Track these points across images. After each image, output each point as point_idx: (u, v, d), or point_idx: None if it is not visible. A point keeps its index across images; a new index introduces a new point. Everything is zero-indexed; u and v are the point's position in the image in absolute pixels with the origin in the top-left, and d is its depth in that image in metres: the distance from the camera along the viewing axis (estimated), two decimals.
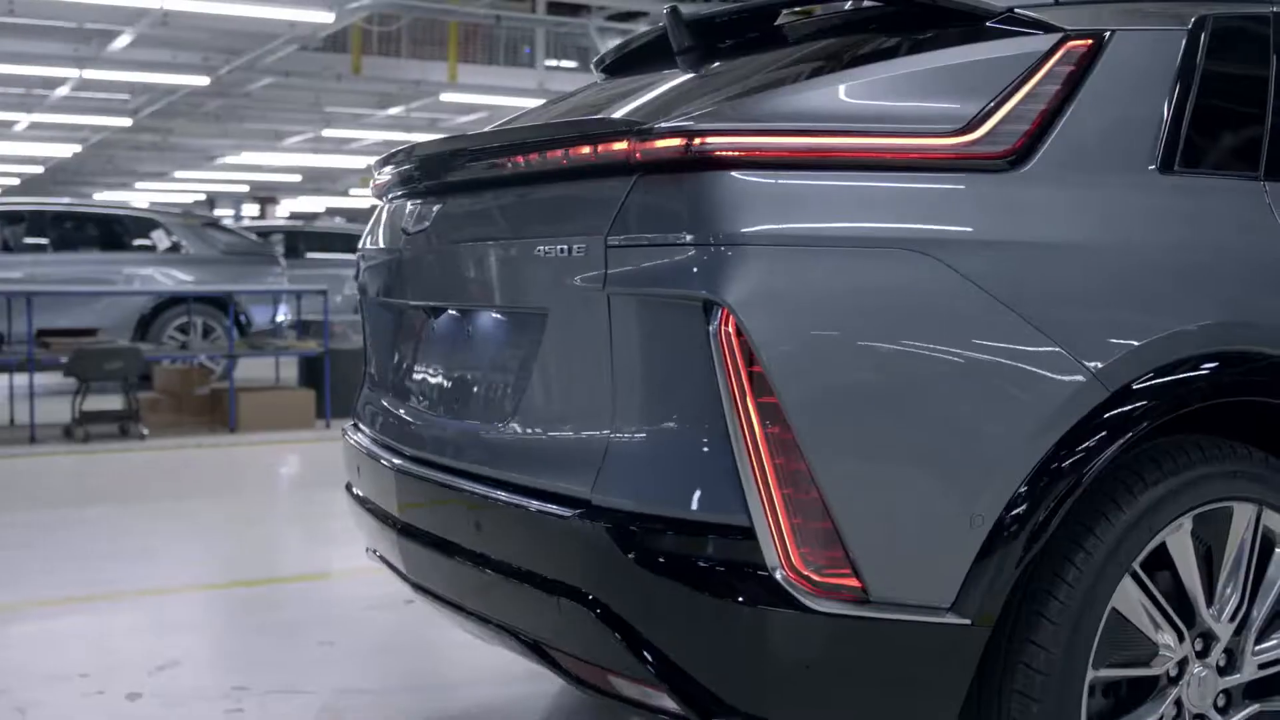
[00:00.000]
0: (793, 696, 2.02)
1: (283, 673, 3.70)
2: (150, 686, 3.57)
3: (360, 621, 4.23)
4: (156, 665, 3.75)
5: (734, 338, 1.95)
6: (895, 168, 2.11)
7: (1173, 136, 2.34)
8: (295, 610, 4.42)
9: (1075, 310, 2.12)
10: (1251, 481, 2.29)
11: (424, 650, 3.95)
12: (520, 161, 2.33)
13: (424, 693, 3.55)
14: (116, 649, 3.95)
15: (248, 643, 4.06)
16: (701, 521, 2.02)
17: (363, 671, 3.73)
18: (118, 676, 3.65)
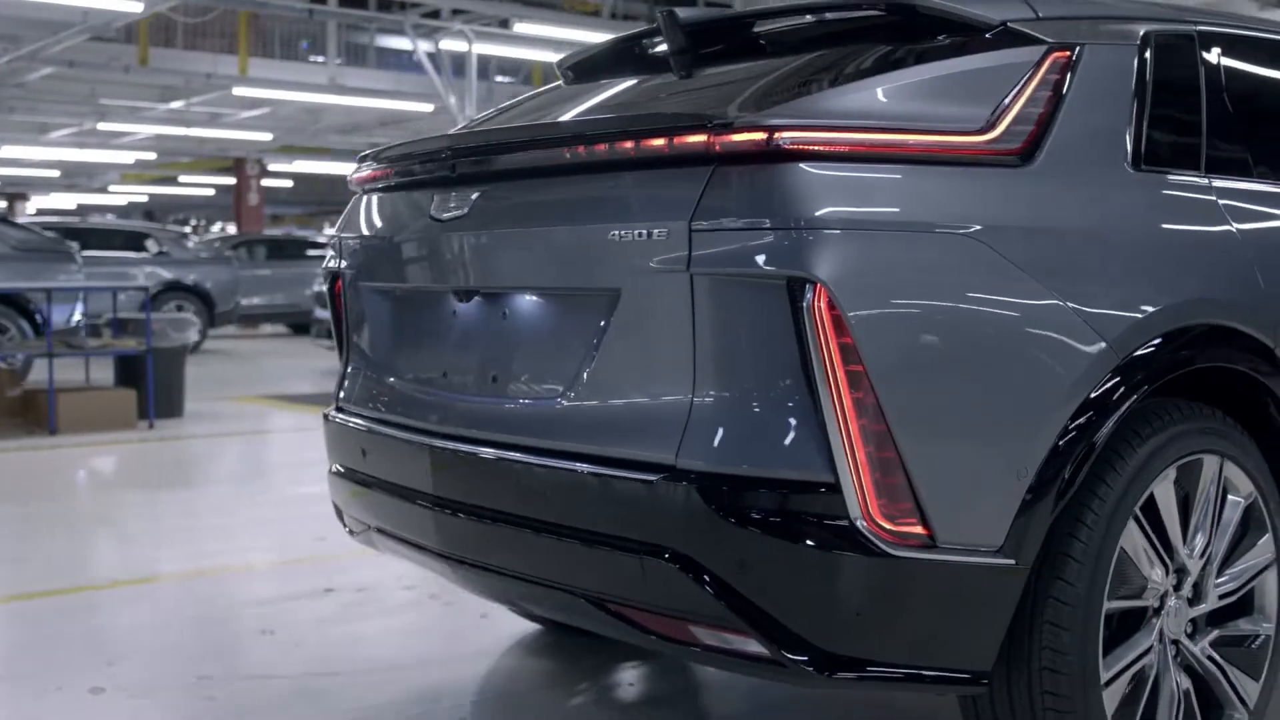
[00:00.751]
0: (866, 632, 2.26)
1: (239, 661, 3.73)
2: (109, 680, 3.54)
3: (288, 611, 4.25)
4: (105, 660, 3.71)
5: (826, 312, 2.17)
6: (934, 161, 2.38)
7: (1136, 138, 2.68)
8: (209, 605, 4.40)
9: (1090, 287, 2.43)
10: (1217, 438, 2.65)
11: (369, 636, 4.01)
12: (584, 151, 2.48)
13: (395, 672, 3.64)
14: (41, 649, 3.88)
15: (181, 637, 4.04)
16: (787, 479, 2.23)
17: (322, 657, 3.78)
18: (69, 673, 3.60)
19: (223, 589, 4.59)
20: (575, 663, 3.67)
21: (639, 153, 2.39)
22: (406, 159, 2.99)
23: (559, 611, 2.75)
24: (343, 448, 3.22)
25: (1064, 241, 2.45)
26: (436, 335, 2.93)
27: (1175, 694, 2.61)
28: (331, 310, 3.42)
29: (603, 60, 3.47)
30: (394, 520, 2.99)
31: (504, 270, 2.69)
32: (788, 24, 2.99)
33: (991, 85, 2.51)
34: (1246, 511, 2.73)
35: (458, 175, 2.78)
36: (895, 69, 2.54)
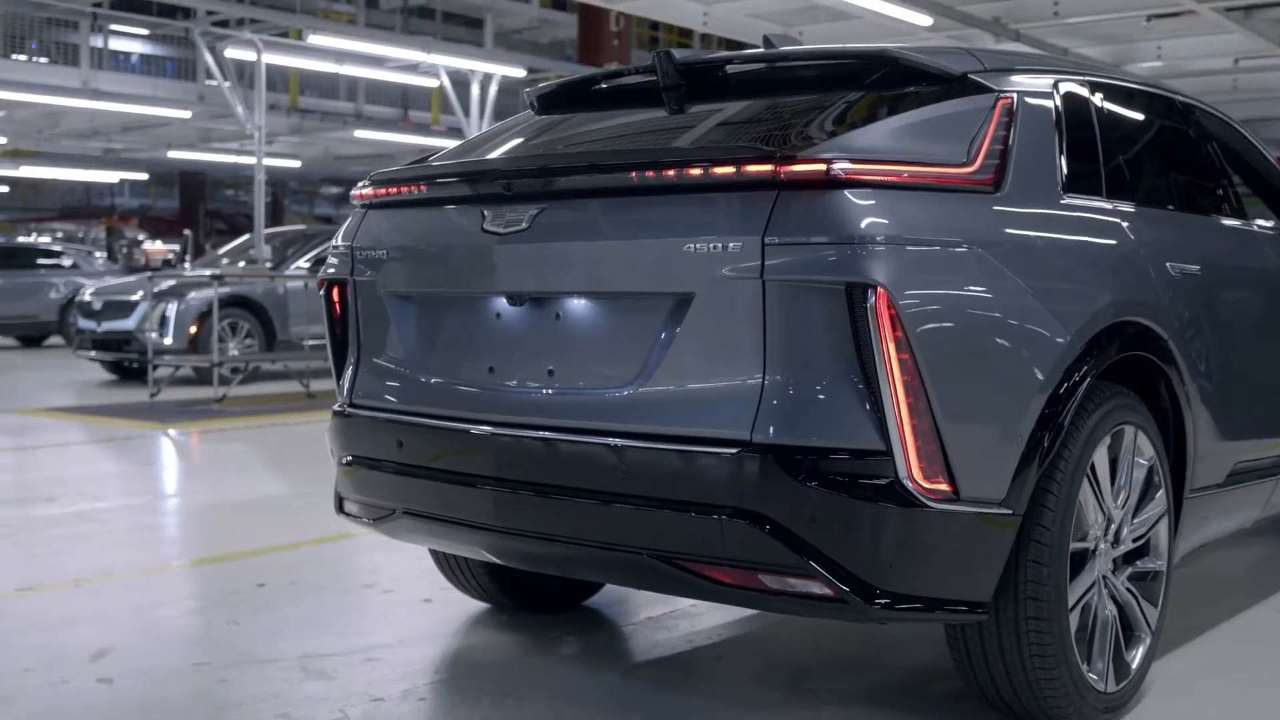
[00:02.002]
0: (906, 569, 2.78)
1: (226, 648, 3.93)
2: (111, 671, 3.70)
3: (242, 603, 4.45)
4: (93, 652, 3.85)
5: (885, 311, 2.68)
6: (940, 189, 2.94)
7: (1061, 169, 3.32)
8: (161, 603, 4.54)
9: (1056, 290, 3.04)
10: (1133, 412, 3.30)
11: (317, 623, 4.26)
12: (654, 175, 2.91)
13: (389, 650, 3.92)
14: (24, 646, 3.97)
15: (161, 630, 4.18)
16: (846, 448, 2.73)
17: (303, 639, 4.02)
18: (67, 665, 3.73)
19: (161, 590, 4.72)
20: (529, 638, 4.04)
21: (709, 178, 2.84)
22: (444, 179, 3.33)
23: (618, 572, 3.15)
24: (366, 439, 3.52)
25: (1033, 253, 3.05)
26: (479, 336, 3.28)
27: (1107, 619, 3.24)
28: (331, 316, 3.70)
29: (575, 94, 3.88)
30: (436, 502, 3.32)
31: (564, 277, 3.07)
32: (785, 67, 3.49)
33: (964, 126, 3.09)
34: (1149, 472, 3.39)
35: (514, 194, 3.14)
36: (896, 112, 3.08)
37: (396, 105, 21.02)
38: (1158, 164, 4.01)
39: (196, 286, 13.04)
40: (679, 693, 3.55)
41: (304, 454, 8.31)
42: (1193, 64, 15.12)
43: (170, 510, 6.56)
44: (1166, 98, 4.17)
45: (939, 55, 3.33)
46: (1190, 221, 3.96)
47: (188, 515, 6.37)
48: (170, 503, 6.79)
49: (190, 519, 6.28)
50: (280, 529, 5.76)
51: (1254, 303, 4.10)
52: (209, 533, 5.87)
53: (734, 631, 4.14)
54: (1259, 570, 4.97)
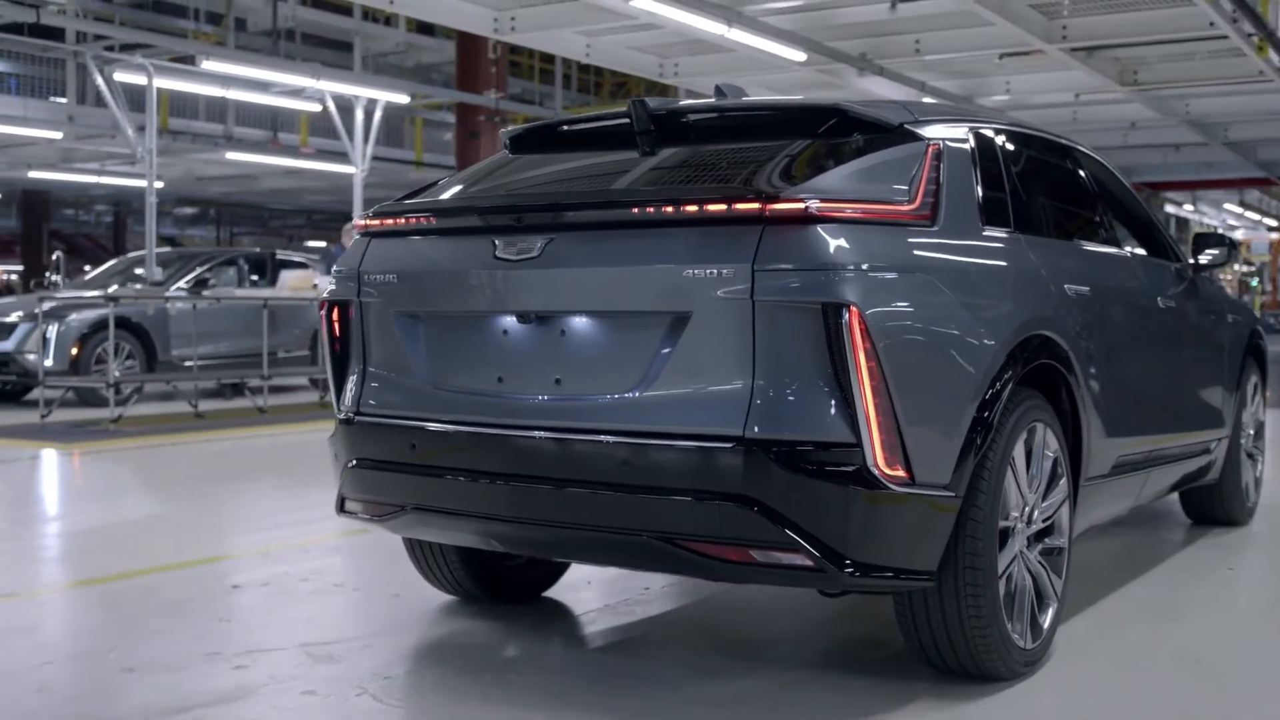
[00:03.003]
0: (871, 542, 3.30)
1: (229, 641, 4.27)
2: (134, 662, 4.01)
3: (228, 603, 4.78)
4: (91, 665, 4.15)
5: (858, 326, 3.21)
6: (891, 224, 3.49)
7: (979, 204, 3.90)
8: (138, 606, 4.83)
9: (985, 307, 3.62)
10: (1042, 411, 3.89)
11: (294, 620, 4.62)
12: (653, 210, 3.39)
13: (384, 637, 4.30)
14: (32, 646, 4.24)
15: (156, 626, 4.48)
16: (823, 441, 3.25)
17: (296, 633, 4.38)
18: (89, 661, 4.03)
19: (152, 586, 5.00)
20: (503, 624, 4.47)
21: (703, 214, 3.33)
22: (453, 211, 3.77)
23: (622, 553, 3.60)
24: (374, 443, 3.92)
25: (965, 277, 3.63)
26: (488, 350, 3.71)
27: (1024, 587, 3.82)
28: (332, 334, 4.09)
29: (546, 136, 4.35)
30: (448, 498, 3.74)
31: (573, 298, 3.53)
32: (747, 116, 4.01)
33: (904, 170, 3.65)
34: (1054, 463, 3.99)
35: (524, 225, 3.59)
36: (850, 158, 3.63)
37: (265, 127, 21.06)
38: (1052, 199, 4.64)
39: (77, 308, 13.05)
40: (652, 664, 4.02)
41: (219, 469, 8.53)
42: (1038, 98, 16.21)
43: (120, 522, 6.76)
44: (1056, 142, 4.82)
45: (878, 108, 3.90)
46: (1079, 249, 4.60)
47: (140, 526, 6.60)
48: (110, 515, 6.99)
49: (152, 528, 6.50)
50: (239, 537, 6.06)
51: (1130, 318, 4.76)
52: (182, 540, 6.11)
53: (688, 615, 4.63)
54: (1131, 553, 5.65)
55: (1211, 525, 6.18)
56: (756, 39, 11.27)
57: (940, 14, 11.81)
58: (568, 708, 3.58)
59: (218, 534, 6.23)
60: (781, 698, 3.67)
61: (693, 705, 3.61)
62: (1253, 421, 6.29)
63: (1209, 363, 5.63)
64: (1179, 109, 17.15)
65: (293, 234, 41.01)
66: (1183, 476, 5.45)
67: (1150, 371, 4.87)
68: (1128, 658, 4.10)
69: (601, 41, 12.73)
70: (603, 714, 3.53)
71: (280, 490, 7.95)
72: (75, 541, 6.15)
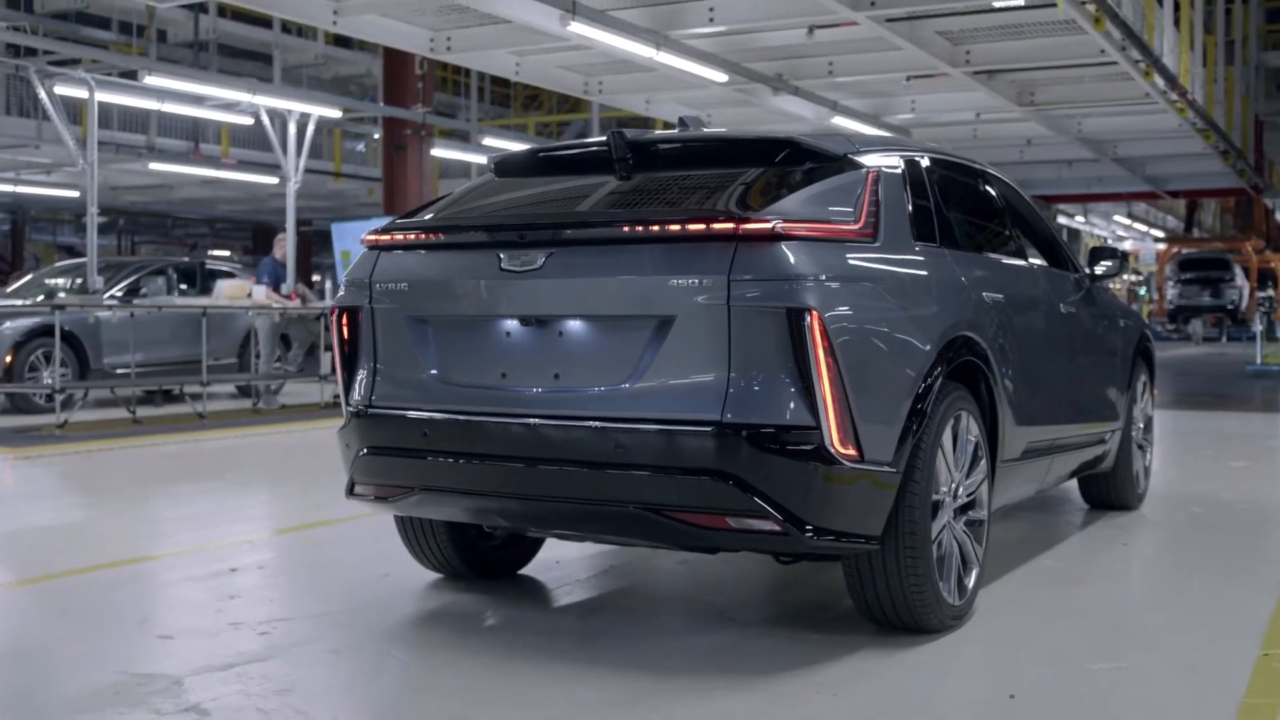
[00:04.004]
0: (827, 510, 3.89)
1: (245, 613, 4.73)
2: (169, 630, 4.47)
3: (231, 582, 5.24)
4: (129, 631, 4.60)
5: (819, 326, 3.80)
6: (840, 241, 4.10)
7: (910, 223, 4.53)
8: (164, 587, 5.28)
9: (919, 311, 4.24)
10: (966, 401, 4.52)
11: (292, 598, 5.11)
12: (641, 229, 3.96)
13: (383, 607, 4.80)
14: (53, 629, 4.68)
15: (176, 601, 4.93)
16: (789, 424, 3.84)
17: (304, 605, 4.86)
18: (129, 628, 4.48)
19: (149, 574, 5.44)
20: (491, 596, 4.99)
21: (685, 233, 3.91)
22: (460, 228, 4.30)
23: (613, 524, 4.13)
24: (385, 433, 4.42)
25: (903, 285, 4.25)
26: (492, 349, 4.24)
27: (952, 552, 4.44)
28: (341, 337, 4.59)
29: (529, 162, 4.90)
30: (455, 479, 4.26)
31: (571, 303, 4.08)
32: (710, 145, 4.60)
33: (850, 194, 4.27)
34: (976, 446, 4.63)
35: (527, 241, 4.14)
36: (804, 185, 4.23)
37: (185, 138, 21.24)
38: (970, 217, 5.30)
39: (10, 316, 13.23)
40: (631, 625, 4.58)
41: (183, 469, 8.92)
42: (941, 116, 17.08)
43: (105, 516, 7.14)
44: (973, 168, 5.49)
45: (824, 140, 4.51)
46: (994, 261, 5.26)
47: (124, 519, 6.98)
48: (95, 510, 7.36)
49: (135, 521, 6.89)
50: (222, 528, 6.49)
51: (1036, 322, 5.44)
52: (166, 531, 6.52)
53: (652, 587, 5.20)
54: (1038, 533, 6.33)
55: (1107, 510, 6.89)
56: (681, 61, 11.89)
57: (853, 39, 12.54)
58: (558, 659, 4.12)
59: (201, 526, 6.65)
60: (746, 649, 4.26)
61: (672, 656, 4.18)
62: (1142, 416, 7.02)
63: (1104, 362, 6.34)
64: (1072, 127, 18.15)
65: (195, 242, 40.78)
66: (1082, 464, 6.15)
67: (1053, 369, 5.54)
68: (1039, 615, 4.75)
69: (530, 60, 13.26)
70: (591, 664, 4.08)
71: (247, 487, 8.36)
72: (72, 532, 6.53)
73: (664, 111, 16.14)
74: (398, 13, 11.34)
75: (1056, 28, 11.86)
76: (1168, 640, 4.45)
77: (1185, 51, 15.26)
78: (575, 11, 9.96)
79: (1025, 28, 12.35)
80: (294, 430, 11.66)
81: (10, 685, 3.92)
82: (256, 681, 3.87)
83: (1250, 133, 22.67)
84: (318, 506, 6.98)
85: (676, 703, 3.69)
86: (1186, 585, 5.35)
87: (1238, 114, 20.79)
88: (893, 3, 10.65)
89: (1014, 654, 4.26)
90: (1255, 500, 7.42)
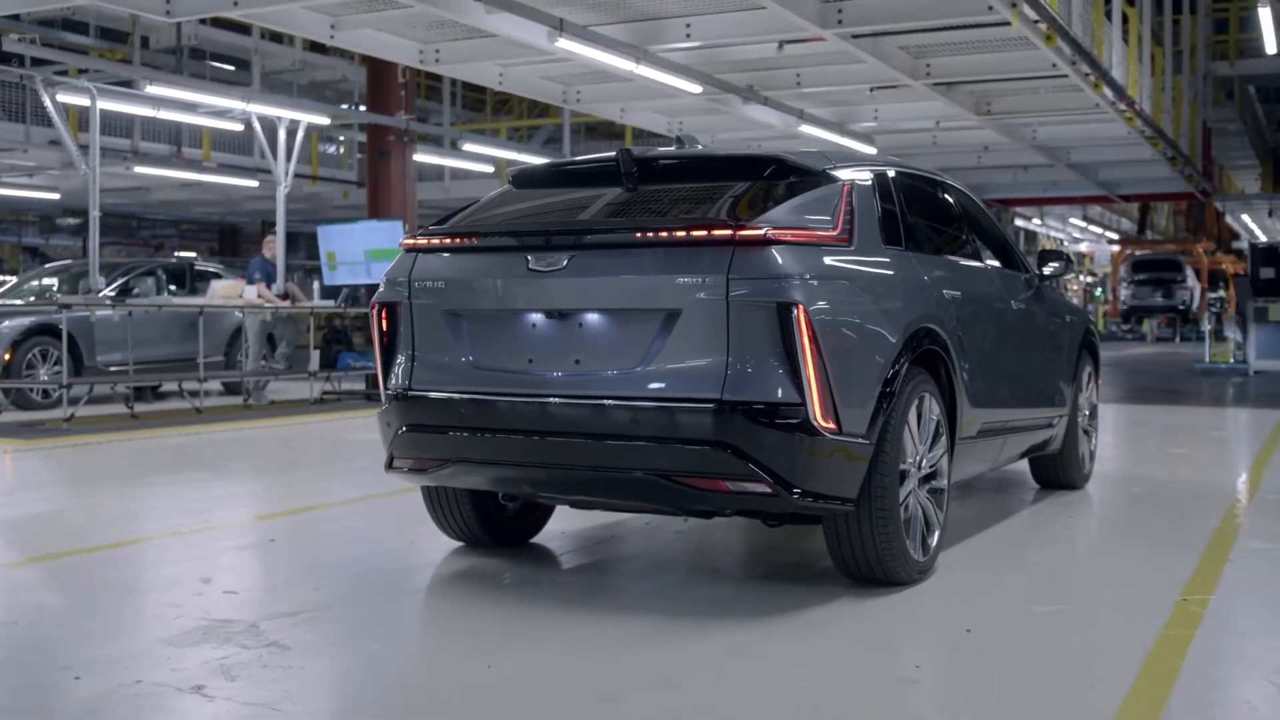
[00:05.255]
0: (811, 475, 4.55)
1: (295, 573, 5.35)
2: (233, 587, 5.08)
3: (271, 550, 5.85)
4: (196, 588, 5.21)
5: (804, 318, 4.47)
6: (821, 245, 4.77)
7: (880, 229, 5.21)
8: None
9: (889, 305, 4.92)
10: (928, 384, 5.20)
11: (369, 557, 5.73)
12: (652, 235, 4.62)
13: (418, 569, 5.43)
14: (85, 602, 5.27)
15: (228, 566, 5.53)
16: (779, 401, 4.50)
17: (350, 565, 5.48)
18: (198, 587, 5.09)
19: (200, 544, 6.04)
20: (508, 560, 5.63)
21: (690, 238, 4.57)
22: (492, 234, 4.95)
23: (625, 488, 4.77)
24: (423, 413, 5.05)
25: (874, 283, 4.93)
26: (520, 339, 4.87)
27: (917, 515, 5.12)
28: (381, 329, 5.22)
29: (544, 175, 5.55)
30: (487, 451, 4.90)
31: (591, 299, 4.73)
32: (706, 162, 5.27)
33: (829, 204, 4.94)
34: (937, 424, 5.31)
35: (552, 245, 4.78)
36: (790, 196, 4.90)
37: (168, 142, 21.72)
38: (932, 224, 5.98)
39: (9, 315, 13.74)
40: (636, 582, 5.24)
41: (201, 458, 9.49)
42: (903, 124, 17.82)
43: (147, 495, 7.72)
44: (934, 179, 6.18)
45: (806, 156, 5.18)
46: (953, 262, 5.95)
47: (166, 498, 7.57)
48: (133, 491, 7.94)
49: (177, 500, 7.48)
50: (255, 506, 7.10)
51: (990, 317, 6.13)
52: (207, 509, 7.11)
53: (650, 552, 5.85)
54: (993, 508, 7.03)
55: (1056, 489, 7.60)
56: (659, 74, 12.55)
57: (820, 53, 13.25)
58: (575, 607, 4.77)
59: (232, 505, 7.25)
60: (740, 598, 4.92)
61: (676, 604, 4.84)
62: (1088, 404, 7.74)
63: (1051, 354, 7.05)
64: (1027, 135, 18.95)
65: (161, 243, 41.06)
66: (1031, 445, 6.85)
67: (1006, 359, 6.24)
68: (993, 571, 5.45)
69: (514, 71, 13.89)
70: (604, 610, 4.73)
71: (262, 473, 8.95)
72: (117, 511, 7.10)
73: (638, 119, 16.81)
74: (391, 27, 11.95)
75: (1011, 43, 12.60)
76: (1103, 590, 5.15)
77: (1134, 64, 16.06)
78: (563, 29, 10.63)
79: (982, 43, 13.10)
80: (289, 424, 12.24)
81: (121, 625, 4.52)
82: (324, 624, 4.50)
83: (1199, 139, 23.56)
84: (336, 489, 7.61)
85: (685, 638, 4.35)
86: (1122, 548, 6.06)
87: (1186, 121, 21.65)
88: (858, 20, 11.36)
89: (970, 600, 4.94)
90: (1189, 481, 8.16)
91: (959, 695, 3.81)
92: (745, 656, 4.14)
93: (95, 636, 4.35)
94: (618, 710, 3.62)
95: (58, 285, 15.66)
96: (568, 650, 4.21)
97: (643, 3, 11.34)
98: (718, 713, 3.61)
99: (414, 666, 4.17)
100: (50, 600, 5.04)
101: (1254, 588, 5.19)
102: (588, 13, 11.43)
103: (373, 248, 15.27)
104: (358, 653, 4.21)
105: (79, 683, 3.81)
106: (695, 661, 4.09)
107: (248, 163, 22.52)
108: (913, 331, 5.03)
